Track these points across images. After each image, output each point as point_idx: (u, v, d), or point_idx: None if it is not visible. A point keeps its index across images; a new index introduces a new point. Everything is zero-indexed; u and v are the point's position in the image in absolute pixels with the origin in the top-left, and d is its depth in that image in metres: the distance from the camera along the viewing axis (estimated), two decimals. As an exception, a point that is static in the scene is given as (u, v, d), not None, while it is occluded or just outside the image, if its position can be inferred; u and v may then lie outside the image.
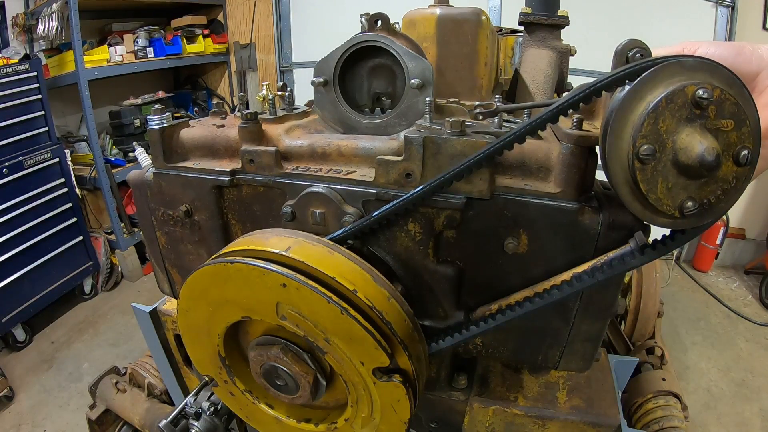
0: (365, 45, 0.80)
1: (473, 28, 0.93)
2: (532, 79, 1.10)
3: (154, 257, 0.98)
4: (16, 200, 2.99)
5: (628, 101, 0.48)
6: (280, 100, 0.95)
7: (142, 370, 1.76)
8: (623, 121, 0.48)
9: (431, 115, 0.70)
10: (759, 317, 3.41)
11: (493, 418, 0.91)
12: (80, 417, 2.27)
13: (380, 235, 0.73)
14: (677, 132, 0.47)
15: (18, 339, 3.12)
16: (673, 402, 1.56)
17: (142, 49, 3.91)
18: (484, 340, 0.79)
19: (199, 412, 0.92)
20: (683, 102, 0.46)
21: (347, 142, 0.76)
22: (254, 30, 4.64)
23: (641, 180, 0.48)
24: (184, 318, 0.73)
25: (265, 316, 0.64)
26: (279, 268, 0.60)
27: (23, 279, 3.05)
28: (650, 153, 0.47)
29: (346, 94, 0.85)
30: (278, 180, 0.76)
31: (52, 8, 3.30)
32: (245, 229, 0.84)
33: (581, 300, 0.70)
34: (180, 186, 0.84)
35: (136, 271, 4.01)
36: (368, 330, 0.58)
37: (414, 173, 0.67)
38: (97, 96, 3.55)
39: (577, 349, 0.75)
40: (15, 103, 2.98)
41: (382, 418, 0.67)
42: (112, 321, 3.47)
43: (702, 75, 0.47)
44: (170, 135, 0.84)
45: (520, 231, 0.67)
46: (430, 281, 0.74)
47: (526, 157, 0.67)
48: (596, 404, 0.91)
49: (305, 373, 0.68)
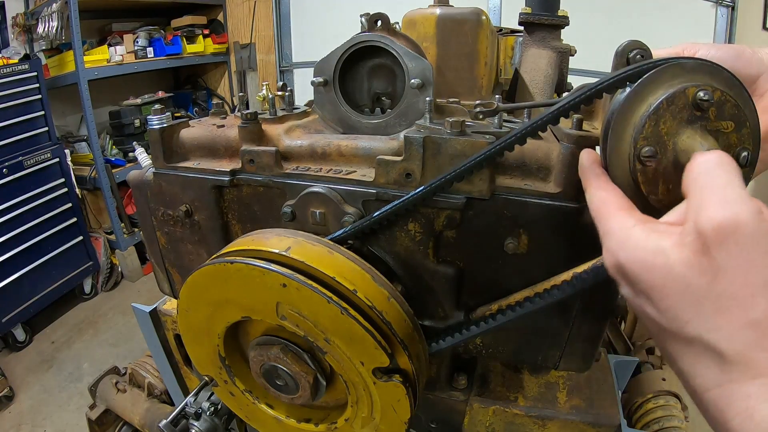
0: (365, 45, 0.80)
1: (473, 28, 0.93)
2: (532, 79, 1.10)
3: (154, 257, 0.98)
4: (16, 200, 2.99)
5: (629, 103, 0.48)
6: (280, 100, 0.95)
7: (142, 370, 1.76)
8: (624, 122, 0.48)
9: (431, 115, 0.70)
10: (759, 317, 3.41)
11: (493, 418, 0.91)
12: (80, 417, 2.27)
13: (380, 235, 0.73)
14: (678, 134, 0.47)
15: (18, 339, 3.12)
16: (674, 402, 1.56)
17: (142, 49, 3.91)
18: (484, 340, 0.79)
19: (199, 412, 0.92)
20: (684, 104, 0.46)
21: (347, 142, 0.76)
22: (254, 30, 4.64)
23: (642, 181, 0.49)
24: (184, 318, 0.73)
25: (265, 316, 0.64)
26: (279, 268, 0.60)
27: (23, 279, 3.05)
28: (651, 154, 0.47)
29: (346, 94, 0.85)
30: (278, 180, 0.76)
31: (52, 8, 3.30)
32: (245, 229, 0.84)
33: (581, 300, 0.70)
34: (180, 186, 0.84)
35: (136, 271, 4.01)
36: (368, 330, 0.59)
37: (414, 173, 0.67)
38: (97, 96, 3.55)
39: (577, 349, 0.75)
40: (15, 103, 2.98)
41: (382, 418, 0.67)
42: (112, 321, 3.47)
43: (702, 77, 0.47)
44: (170, 135, 0.84)
45: (520, 231, 0.67)
46: (430, 281, 0.74)
47: (526, 157, 0.67)
48: (596, 404, 0.91)
49: (305, 373, 0.68)
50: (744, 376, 0.36)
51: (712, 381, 0.38)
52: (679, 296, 0.38)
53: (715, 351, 0.37)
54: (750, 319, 0.36)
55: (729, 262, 0.36)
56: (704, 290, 0.37)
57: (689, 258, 0.37)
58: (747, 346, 0.36)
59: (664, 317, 0.40)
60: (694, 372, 0.40)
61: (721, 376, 0.38)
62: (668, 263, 0.38)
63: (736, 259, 0.36)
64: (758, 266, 0.35)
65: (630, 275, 0.42)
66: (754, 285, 0.35)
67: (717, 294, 0.36)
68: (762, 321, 0.35)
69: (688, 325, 0.38)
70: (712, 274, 0.36)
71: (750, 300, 0.36)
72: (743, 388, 0.36)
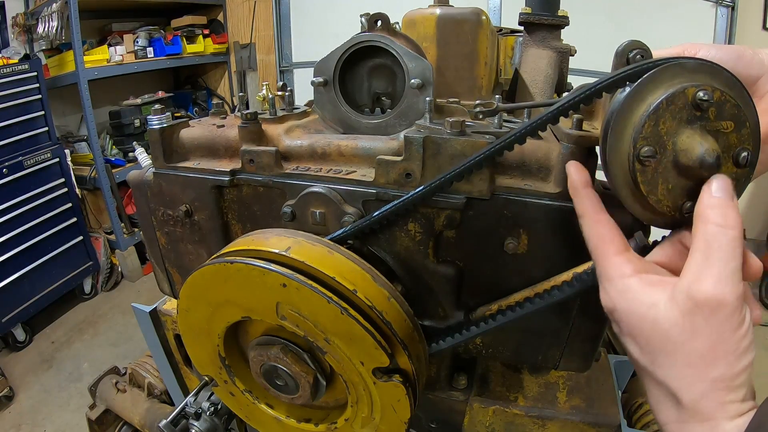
0: (365, 45, 0.80)
1: (473, 28, 0.93)
2: (532, 79, 1.10)
3: (154, 257, 0.98)
4: (16, 200, 2.99)
5: (629, 103, 0.48)
6: (280, 100, 0.95)
7: (142, 370, 1.76)
8: (624, 122, 0.48)
9: (431, 115, 0.70)
10: (759, 317, 3.41)
11: (493, 418, 0.91)
12: (80, 417, 2.27)
13: (380, 235, 0.73)
14: (678, 133, 0.47)
15: (18, 339, 3.12)
16: (673, 402, 1.55)
17: (142, 49, 3.91)
18: (484, 340, 0.79)
19: (199, 412, 0.92)
20: (684, 104, 0.46)
21: (347, 142, 0.76)
22: (254, 30, 4.64)
23: (642, 181, 0.48)
24: (184, 318, 0.73)
25: (265, 316, 0.64)
26: (279, 268, 0.60)
27: (23, 279, 3.05)
28: (651, 154, 0.47)
29: (346, 94, 0.85)
30: (278, 180, 0.76)
31: (52, 8, 3.31)
32: (245, 229, 0.84)
33: (581, 300, 0.70)
34: (180, 186, 0.84)
35: (136, 271, 4.02)
36: (368, 330, 0.58)
37: (414, 173, 0.67)
38: (97, 96, 3.56)
39: (577, 349, 0.75)
40: (15, 103, 2.98)
41: (382, 418, 0.67)
42: (112, 321, 3.47)
43: (702, 77, 0.47)
44: (170, 135, 0.84)
45: (520, 231, 0.67)
46: (430, 281, 0.74)
47: (526, 158, 0.67)
48: (596, 404, 0.91)
49: (305, 373, 0.68)
50: (694, 418, 0.45)
51: (672, 417, 0.47)
52: (659, 345, 0.46)
53: (675, 396, 0.45)
54: (709, 376, 0.43)
55: (705, 329, 0.43)
56: (680, 346, 0.44)
57: (676, 317, 0.44)
58: (701, 397, 0.44)
59: (644, 359, 0.48)
60: (659, 407, 0.48)
61: (677, 416, 0.46)
62: (657, 318, 0.46)
63: (711, 328, 0.43)
64: (726, 339, 0.43)
65: (623, 321, 0.49)
66: (719, 352, 0.43)
67: (689, 351, 0.44)
68: (717, 379, 0.43)
69: (660, 370, 0.47)
70: (690, 334, 0.44)
71: (713, 362, 0.43)
72: (694, 427, 0.45)
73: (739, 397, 0.43)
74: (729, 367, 0.43)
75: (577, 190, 0.55)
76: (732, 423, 0.43)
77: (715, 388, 0.43)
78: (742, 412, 0.43)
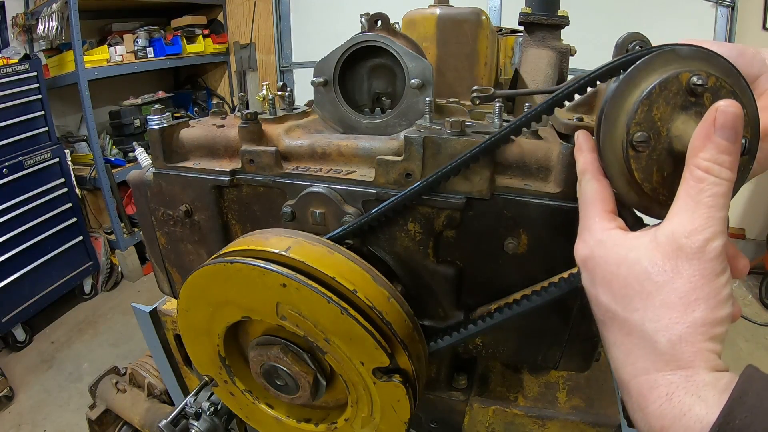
0: (365, 45, 0.80)
1: (473, 28, 0.94)
2: (532, 79, 1.10)
3: (154, 257, 0.98)
4: (16, 200, 2.99)
5: (622, 89, 0.47)
6: (280, 100, 0.95)
7: (142, 370, 1.76)
8: (618, 108, 0.48)
9: (431, 115, 0.70)
10: (759, 317, 3.42)
11: (493, 418, 0.91)
12: (80, 417, 2.27)
13: (380, 235, 0.73)
14: (672, 120, 0.46)
15: (18, 339, 3.12)
16: (673, 402, 1.56)
17: (142, 49, 3.91)
18: (484, 340, 0.79)
19: (199, 412, 0.92)
20: (678, 89, 0.45)
21: (347, 142, 0.76)
22: (254, 30, 4.64)
23: (636, 168, 0.48)
24: (184, 318, 0.73)
25: (265, 316, 0.64)
26: (279, 268, 0.59)
27: (23, 279, 3.05)
28: (644, 140, 0.46)
29: (346, 94, 0.85)
30: (278, 180, 0.76)
31: (52, 8, 3.31)
32: (245, 229, 0.84)
33: (581, 299, 0.70)
34: (180, 186, 0.84)
35: (136, 271, 4.02)
36: (368, 330, 0.58)
37: (414, 173, 0.67)
38: (97, 96, 3.56)
39: (577, 349, 0.75)
40: (15, 103, 2.99)
41: (382, 418, 0.67)
42: (112, 321, 3.47)
43: (697, 63, 0.46)
44: (170, 135, 0.84)
45: (520, 231, 0.67)
46: (430, 281, 0.74)
47: (525, 157, 0.67)
48: (596, 404, 0.91)
49: (305, 373, 0.68)
50: (669, 366, 0.41)
51: (641, 368, 0.43)
52: (637, 288, 0.44)
53: (650, 340, 0.42)
54: (688, 318, 0.41)
55: (688, 270, 0.41)
56: (660, 286, 0.42)
57: (657, 258, 0.43)
58: (679, 339, 0.41)
59: (619, 304, 0.45)
60: (626, 360, 0.45)
61: (649, 365, 0.43)
62: (638, 258, 0.44)
63: (693, 269, 0.41)
64: (708, 282, 0.41)
65: (598, 267, 0.48)
66: (700, 293, 0.41)
67: (668, 291, 0.42)
68: (697, 321, 0.41)
69: (636, 313, 0.44)
70: (672, 274, 0.42)
71: (694, 302, 0.41)
72: (667, 376, 0.41)
73: (717, 350, 0.41)
74: (710, 311, 0.41)
75: (582, 150, 0.54)
76: (711, 374, 0.40)
77: (695, 332, 0.41)
78: (720, 368, 0.41)
